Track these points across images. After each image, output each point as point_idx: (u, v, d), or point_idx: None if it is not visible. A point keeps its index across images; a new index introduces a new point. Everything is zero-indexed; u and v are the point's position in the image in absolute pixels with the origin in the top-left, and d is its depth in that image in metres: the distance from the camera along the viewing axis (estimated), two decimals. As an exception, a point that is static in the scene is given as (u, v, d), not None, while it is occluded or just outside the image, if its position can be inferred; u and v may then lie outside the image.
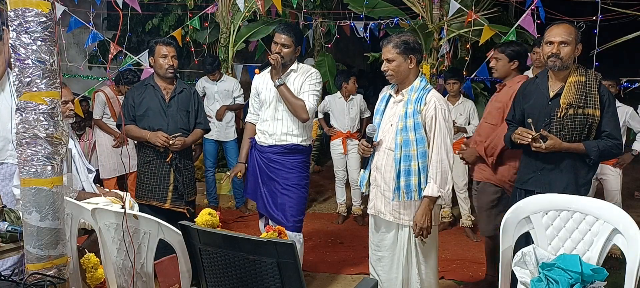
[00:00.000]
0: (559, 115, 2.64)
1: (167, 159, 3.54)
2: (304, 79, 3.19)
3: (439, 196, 2.62)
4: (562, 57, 2.61)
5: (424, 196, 2.62)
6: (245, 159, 3.35)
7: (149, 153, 3.57)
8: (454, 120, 4.76)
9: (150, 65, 3.80)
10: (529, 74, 4.59)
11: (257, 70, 3.27)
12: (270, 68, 3.16)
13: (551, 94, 2.72)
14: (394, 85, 2.81)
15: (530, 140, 2.65)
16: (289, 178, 3.22)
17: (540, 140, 2.63)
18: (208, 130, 3.92)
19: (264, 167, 3.26)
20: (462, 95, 5.06)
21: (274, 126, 3.21)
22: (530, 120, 2.73)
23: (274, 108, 3.21)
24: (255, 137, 3.33)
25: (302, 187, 3.26)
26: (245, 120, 3.46)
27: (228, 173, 3.31)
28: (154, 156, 3.56)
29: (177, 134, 3.52)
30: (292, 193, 3.22)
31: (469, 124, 4.95)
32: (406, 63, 2.67)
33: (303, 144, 3.26)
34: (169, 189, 3.58)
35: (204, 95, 5.60)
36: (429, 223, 2.62)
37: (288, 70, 3.19)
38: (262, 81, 3.27)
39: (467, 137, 5.06)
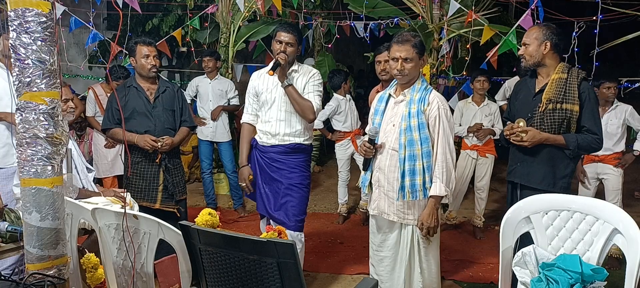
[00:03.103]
0: (540, 110, 2.75)
1: (157, 160, 3.54)
2: (307, 79, 3.19)
3: (446, 195, 2.63)
4: (525, 56, 2.81)
5: (431, 196, 2.62)
6: (247, 160, 3.30)
7: (137, 155, 3.57)
8: (480, 123, 4.65)
9: (131, 66, 3.77)
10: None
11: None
12: (269, 68, 3.13)
13: (536, 90, 2.85)
14: (393, 85, 2.80)
15: (511, 132, 2.77)
16: (291, 177, 3.21)
17: (521, 134, 2.72)
18: (194, 127, 3.90)
19: (266, 167, 3.25)
20: (486, 97, 4.81)
21: (277, 126, 3.20)
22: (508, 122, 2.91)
23: (278, 109, 3.19)
24: (256, 137, 3.31)
25: (304, 186, 3.26)
26: (242, 121, 3.36)
27: (243, 185, 3.29)
28: (143, 157, 3.56)
29: (164, 136, 3.52)
30: (295, 193, 3.21)
31: (493, 126, 4.71)
32: (419, 64, 2.68)
33: (305, 143, 3.26)
34: (158, 190, 3.59)
35: (196, 95, 5.56)
36: (435, 223, 2.63)
37: (289, 70, 3.18)
38: (262, 82, 3.25)
39: (496, 139, 4.76)
